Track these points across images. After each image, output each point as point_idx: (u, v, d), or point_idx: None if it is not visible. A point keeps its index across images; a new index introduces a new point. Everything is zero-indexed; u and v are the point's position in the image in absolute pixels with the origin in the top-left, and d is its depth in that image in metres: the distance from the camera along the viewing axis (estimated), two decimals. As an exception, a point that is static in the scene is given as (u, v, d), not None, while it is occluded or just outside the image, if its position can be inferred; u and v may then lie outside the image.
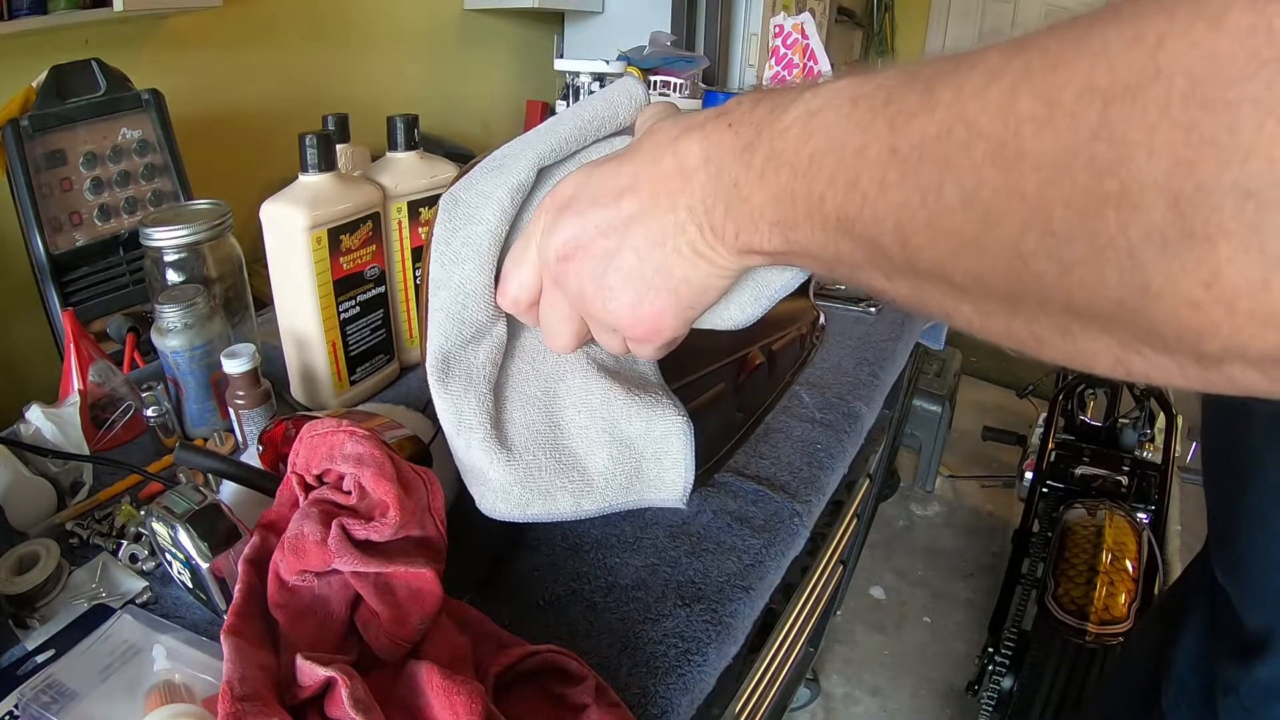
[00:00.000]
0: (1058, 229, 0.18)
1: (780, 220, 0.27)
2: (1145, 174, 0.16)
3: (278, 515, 0.46)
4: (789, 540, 0.59)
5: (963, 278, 0.21)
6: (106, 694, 0.41)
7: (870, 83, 0.24)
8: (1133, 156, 0.16)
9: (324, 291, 0.65)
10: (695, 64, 1.62)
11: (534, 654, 0.43)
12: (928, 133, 0.21)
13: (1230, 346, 0.16)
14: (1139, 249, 0.16)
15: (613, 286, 0.34)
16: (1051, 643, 1.23)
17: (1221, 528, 0.48)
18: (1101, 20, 0.17)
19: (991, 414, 2.55)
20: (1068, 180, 0.17)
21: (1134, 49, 0.16)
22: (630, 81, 0.45)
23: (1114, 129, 0.16)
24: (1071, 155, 0.17)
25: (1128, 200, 0.16)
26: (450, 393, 0.47)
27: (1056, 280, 0.18)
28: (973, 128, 0.19)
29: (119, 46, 1.10)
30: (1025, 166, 0.18)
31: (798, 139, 0.26)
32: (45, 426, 0.62)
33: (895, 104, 0.22)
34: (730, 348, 0.66)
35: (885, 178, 0.22)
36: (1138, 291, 0.17)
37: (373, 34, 1.54)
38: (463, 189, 0.46)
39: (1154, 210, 0.16)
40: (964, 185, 0.20)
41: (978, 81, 0.20)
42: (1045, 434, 1.63)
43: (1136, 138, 0.16)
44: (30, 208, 0.91)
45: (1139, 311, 0.17)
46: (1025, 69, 0.18)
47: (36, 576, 0.49)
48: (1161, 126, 0.15)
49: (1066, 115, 0.17)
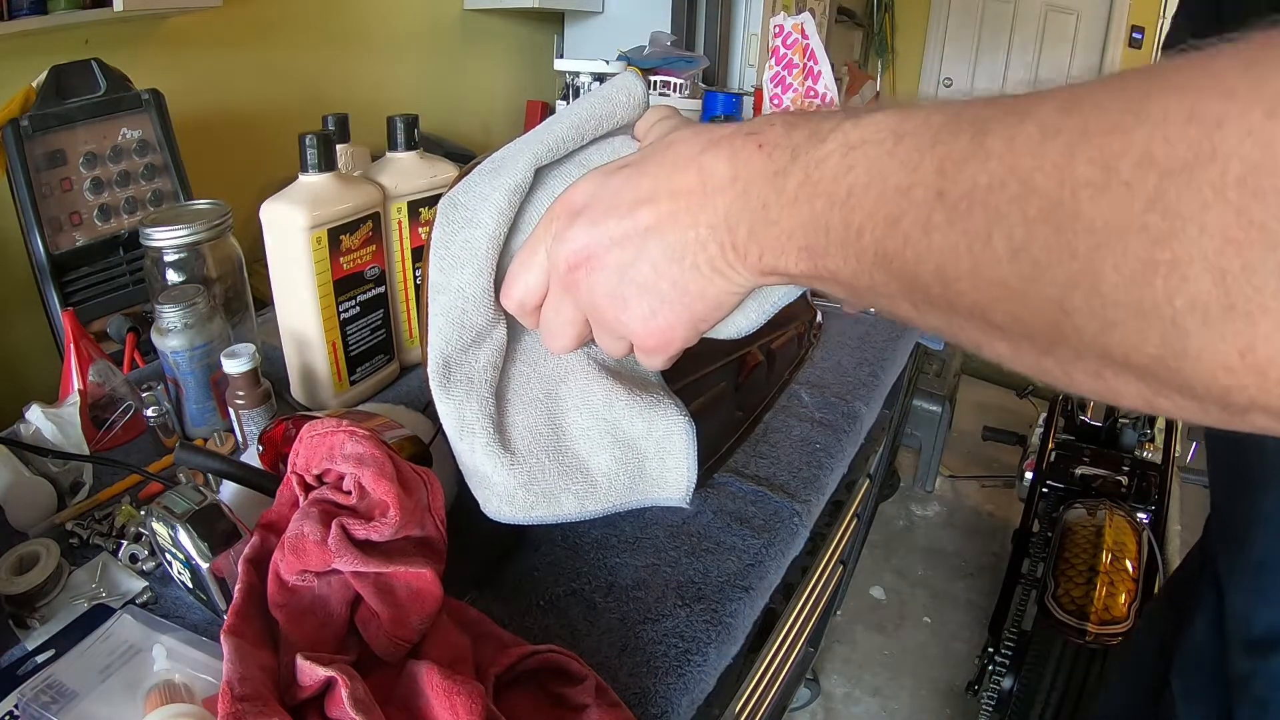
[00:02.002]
0: (1105, 290, 0.18)
1: (810, 246, 0.27)
2: (1196, 248, 0.16)
3: (278, 515, 0.46)
4: (789, 540, 0.59)
5: (1002, 319, 0.22)
6: (106, 694, 0.41)
7: (912, 120, 0.24)
8: (1185, 230, 0.16)
9: (324, 291, 0.65)
10: (695, 64, 1.62)
11: (534, 654, 0.43)
12: (978, 181, 0.21)
13: (1256, 401, 0.17)
14: (1182, 316, 0.17)
15: (627, 298, 0.34)
16: (1051, 643, 1.23)
17: (1232, 532, 0.48)
18: (1159, 88, 0.18)
19: (991, 414, 2.55)
20: (1120, 246, 0.18)
21: (1192, 127, 0.16)
22: (629, 79, 0.45)
23: (1169, 203, 0.17)
24: (1126, 223, 0.17)
25: (1176, 271, 0.17)
26: (452, 397, 0.47)
27: (1097, 335, 0.19)
28: (1027, 183, 0.20)
29: (119, 46, 1.10)
30: (1079, 228, 0.18)
31: (836, 170, 0.26)
32: (45, 426, 0.62)
33: (943, 146, 0.22)
34: (729, 348, 0.66)
35: (931, 220, 0.22)
36: (1176, 354, 0.18)
37: (373, 34, 1.54)
38: (461, 192, 0.46)
39: (1200, 283, 0.16)
40: (1014, 238, 0.20)
41: (1032, 135, 0.20)
42: (1045, 434, 1.63)
43: (1190, 214, 0.16)
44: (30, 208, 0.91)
45: (1174, 370, 0.18)
46: (1082, 130, 0.19)
47: (36, 576, 0.49)
48: (1215, 206, 0.16)
49: (1123, 184, 0.17)
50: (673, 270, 0.32)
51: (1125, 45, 3.36)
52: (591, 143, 0.47)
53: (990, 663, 1.39)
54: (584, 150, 0.47)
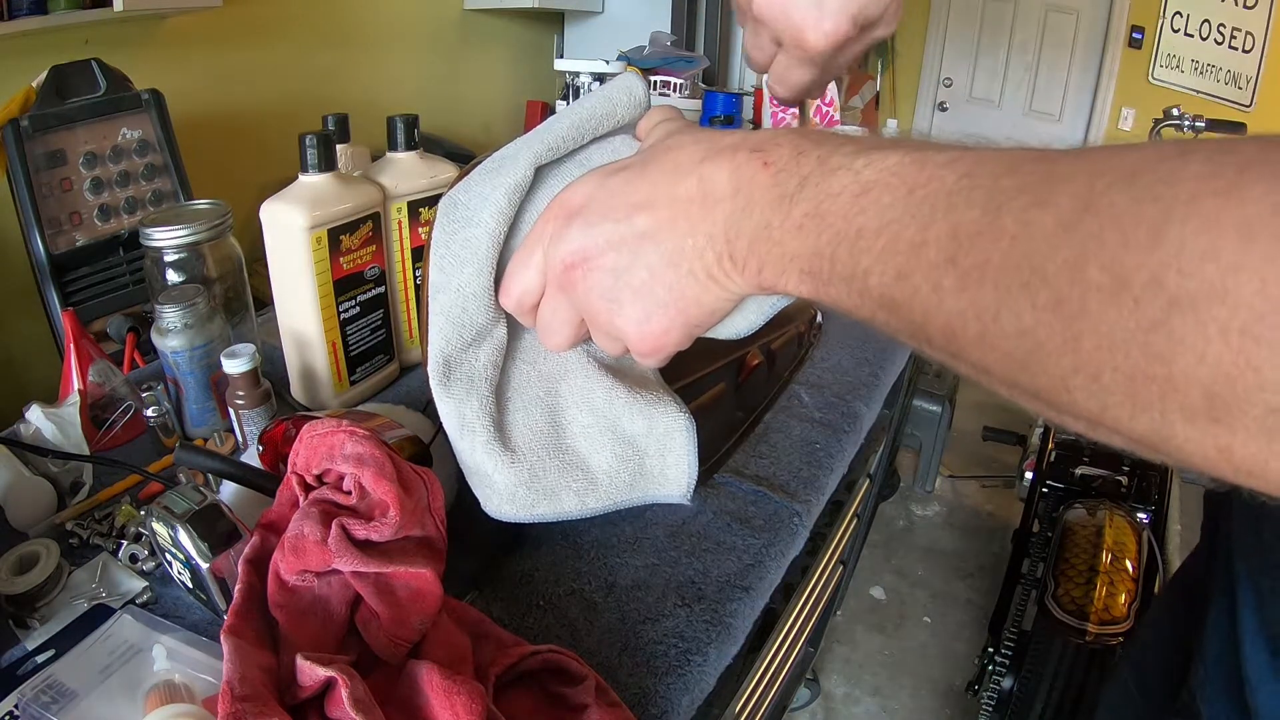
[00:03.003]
0: (1104, 382, 0.19)
1: (814, 272, 0.27)
2: (1193, 373, 0.18)
3: (278, 515, 0.46)
4: (789, 540, 0.59)
5: (1002, 377, 0.23)
6: (106, 694, 0.41)
7: (926, 171, 0.24)
8: (1184, 356, 0.18)
9: (324, 291, 0.65)
10: (695, 64, 1.62)
11: (534, 654, 0.43)
12: (991, 259, 0.21)
13: (1238, 477, 0.19)
14: (1171, 415, 0.19)
15: (621, 301, 0.34)
16: (1051, 643, 1.23)
17: (1258, 535, 0.49)
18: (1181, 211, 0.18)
19: (991, 414, 2.55)
20: (1122, 354, 0.19)
21: (1208, 264, 0.17)
22: (630, 79, 0.45)
23: (1173, 329, 0.18)
24: (1129, 335, 0.18)
25: (1171, 384, 0.18)
26: (452, 396, 0.47)
27: (1092, 411, 0.20)
28: (1039, 274, 0.20)
29: (119, 46, 1.10)
30: (1084, 328, 0.19)
31: (846, 210, 0.26)
32: (45, 426, 0.62)
33: (958, 212, 0.23)
34: (729, 348, 0.66)
35: (941, 283, 0.23)
36: (1162, 439, 0.19)
37: (373, 34, 1.54)
38: (461, 191, 0.46)
39: (1190, 396, 0.18)
40: (1022, 320, 0.21)
41: (1048, 227, 0.20)
42: (1045, 434, 1.63)
43: (1192, 344, 0.17)
44: (30, 208, 0.91)
45: (1160, 449, 0.20)
46: (1098, 235, 0.19)
47: (36, 576, 0.49)
48: (1216, 344, 0.17)
49: (1132, 299, 0.18)
50: (668, 276, 0.33)
51: (1125, 45, 3.36)
52: (592, 142, 0.47)
53: (990, 663, 1.39)
54: (584, 149, 0.47)
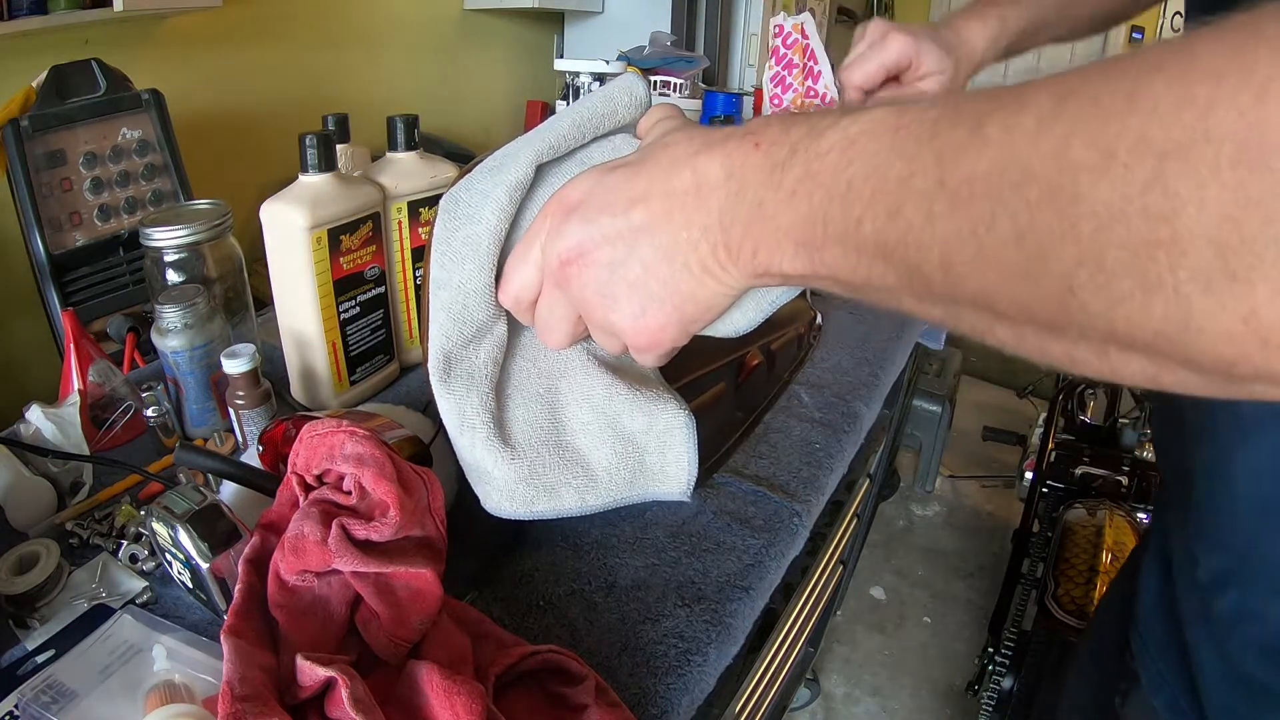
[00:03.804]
0: (1110, 267, 0.19)
1: (807, 241, 0.27)
2: (1196, 224, 0.17)
3: (278, 515, 0.46)
4: (789, 540, 0.59)
5: (1007, 306, 0.22)
6: (106, 694, 0.41)
7: (909, 114, 0.24)
8: (1184, 209, 0.17)
9: (324, 291, 0.65)
10: (695, 64, 1.62)
11: (534, 654, 0.43)
12: (978, 169, 0.21)
13: (1260, 371, 0.18)
14: (1184, 286, 0.18)
15: (617, 296, 0.34)
16: (1051, 643, 1.23)
17: (1179, 485, 0.50)
18: (1149, 75, 0.18)
19: (991, 414, 2.55)
20: (1122, 226, 0.18)
21: (1185, 111, 0.17)
22: (631, 79, 0.45)
23: (1167, 183, 0.17)
24: (1126, 203, 0.18)
25: (1178, 246, 0.17)
26: (452, 392, 0.47)
27: (1103, 312, 0.20)
28: (1027, 171, 0.20)
29: (119, 46, 1.10)
30: (1081, 211, 0.19)
31: (836, 164, 0.26)
32: (45, 426, 0.62)
33: (942, 137, 0.23)
34: (729, 348, 0.66)
35: (933, 209, 0.23)
36: (1180, 325, 0.18)
37: (373, 34, 1.54)
38: (462, 189, 0.46)
39: (1201, 255, 0.17)
40: (1018, 223, 0.20)
41: (1028, 125, 0.20)
42: (1045, 434, 1.63)
43: (1189, 193, 0.17)
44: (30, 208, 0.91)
45: (1179, 342, 0.19)
46: (1078, 117, 0.19)
47: (36, 576, 0.49)
48: (1211, 185, 0.17)
49: (1121, 166, 0.18)
50: (663, 270, 0.33)
51: (1125, 45, 3.37)
52: (593, 141, 0.47)
53: (990, 663, 1.39)
54: (585, 148, 0.47)
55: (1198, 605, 0.47)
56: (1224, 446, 0.44)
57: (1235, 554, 0.45)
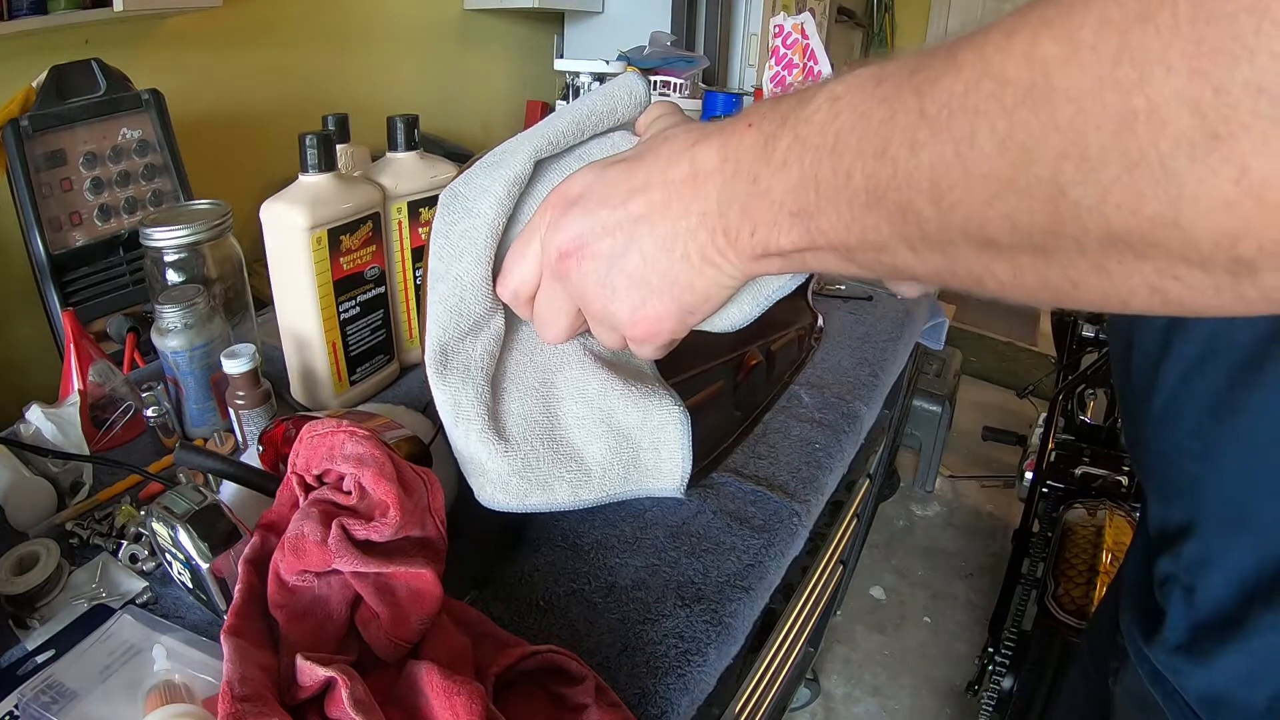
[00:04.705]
0: (1093, 152, 0.19)
1: (802, 209, 0.28)
2: (1168, 87, 0.17)
3: (278, 515, 0.46)
4: (789, 540, 0.59)
5: (998, 228, 0.22)
6: (106, 694, 0.41)
7: (894, 63, 0.25)
8: (1153, 73, 0.18)
9: (324, 291, 0.65)
10: (695, 64, 1.63)
11: (534, 654, 0.43)
12: (955, 90, 0.22)
13: (1264, 245, 0.18)
14: (1170, 158, 0.18)
15: (615, 287, 0.34)
16: (1051, 643, 1.23)
17: (1134, 436, 0.51)
18: None
19: (991, 414, 2.55)
20: (1098, 106, 0.19)
21: None
22: (631, 78, 0.46)
23: (1133, 52, 0.18)
24: (1099, 82, 0.18)
25: (1155, 114, 0.18)
26: (448, 384, 0.47)
27: (1095, 206, 0.20)
28: (1000, 78, 0.21)
29: (119, 46, 1.10)
30: (1057, 101, 0.19)
31: (823, 122, 0.26)
32: (45, 426, 0.62)
33: (920, 74, 0.23)
34: (728, 347, 0.66)
35: (915, 139, 0.23)
36: (1172, 202, 0.18)
37: (373, 34, 1.54)
38: (462, 184, 0.46)
39: (1180, 119, 0.17)
40: (997, 130, 0.21)
41: (997, 39, 0.21)
42: (1045, 434, 1.63)
43: (1155, 56, 0.17)
44: (30, 208, 0.91)
45: (1175, 224, 0.19)
46: (1042, 19, 0.20)
47: (36, 576, 0.49)
48: (1174, 43, 0.17)
49: (1088, 49, 0.19)
50: (662, 260, 0.33)
51: None
52: (592, 138, 0.47)
53: (990, 663, 1.39)
54: (584, 145, 0.47)
55: (1168, 562, 0.47)
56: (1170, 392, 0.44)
57: (1190, 503, 0.45)
